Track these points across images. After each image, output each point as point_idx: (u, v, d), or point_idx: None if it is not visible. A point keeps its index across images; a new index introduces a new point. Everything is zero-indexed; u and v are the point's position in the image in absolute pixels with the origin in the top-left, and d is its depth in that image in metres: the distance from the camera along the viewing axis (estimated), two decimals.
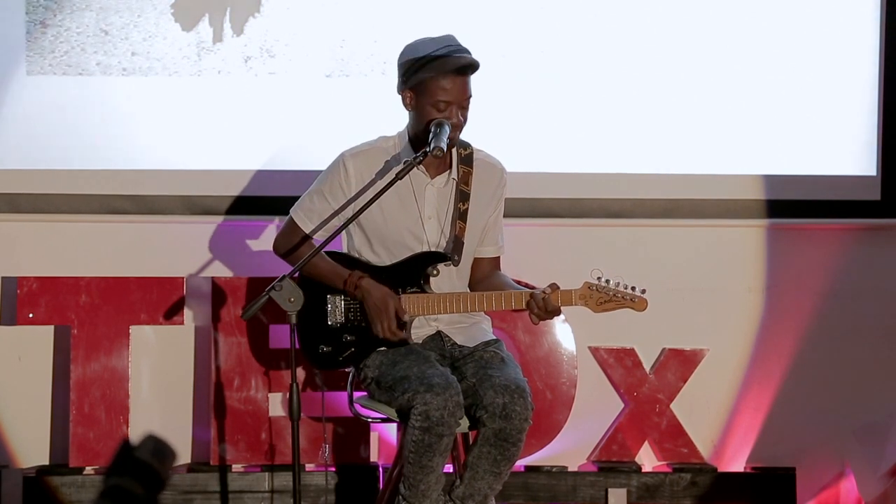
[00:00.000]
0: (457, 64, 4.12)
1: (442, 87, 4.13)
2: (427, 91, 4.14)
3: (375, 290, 4.21)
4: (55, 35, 5.02)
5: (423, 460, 4.04)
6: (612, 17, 5.13)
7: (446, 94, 4.13)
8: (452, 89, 4.13)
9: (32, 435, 5.10)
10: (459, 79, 4.14)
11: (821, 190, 5.21)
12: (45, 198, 5.04)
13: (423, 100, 4.15)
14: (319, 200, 4.30)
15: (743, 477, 5.18)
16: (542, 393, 5.05)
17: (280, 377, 5.01)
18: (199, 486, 4.97)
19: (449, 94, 4.13)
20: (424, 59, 4.14)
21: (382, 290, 4.21)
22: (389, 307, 4.18)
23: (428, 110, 4.14)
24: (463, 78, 4.15)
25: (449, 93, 4.13)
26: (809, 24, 5.18)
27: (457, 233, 4.25)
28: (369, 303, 4.21)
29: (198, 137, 5.07)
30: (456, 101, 4.14)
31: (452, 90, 4.13)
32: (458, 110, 4.15)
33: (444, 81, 4.12)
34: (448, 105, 4.13)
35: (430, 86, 4.13)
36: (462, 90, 4.15)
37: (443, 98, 4.13)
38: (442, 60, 4.13)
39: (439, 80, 4.12)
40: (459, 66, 4.13)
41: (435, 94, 4.13)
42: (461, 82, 4.15)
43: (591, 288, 4.11)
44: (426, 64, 4.13)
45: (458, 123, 4.16)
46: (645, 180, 5.16)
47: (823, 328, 5.29)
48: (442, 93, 4.13)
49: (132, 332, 5.02)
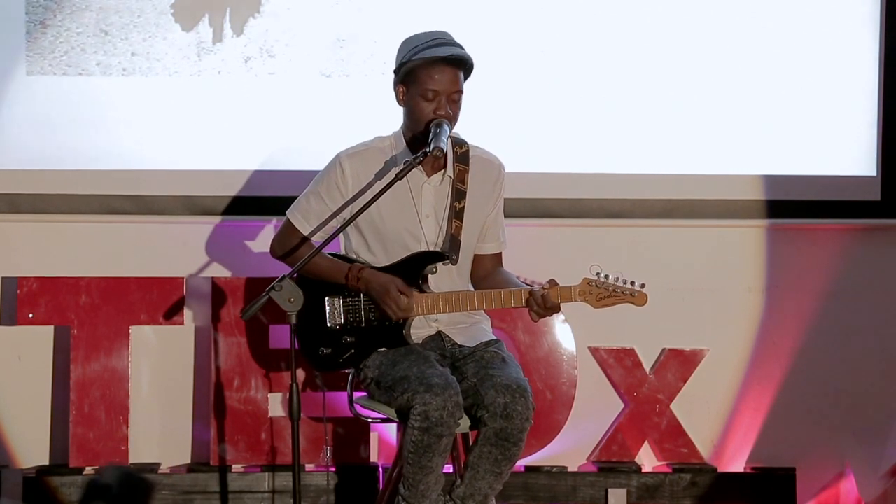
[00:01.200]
0: (445, 53, 4.13)
1: (430, 76, 4.13)
2: (416, 80, 4.15)
3: (376, 277, 4.21)
4: (55, 35, 5.02)
5: (422, 460, 4.04)
6: (612, 17, 5.13)
7: (434, 83, 4.13)
8: (441, 79, 4.13)
9: (32, 435, 5.11)
10: (449, 69, 4.14)
11: (821, 190, 5.21)
12: (45, 198, 5.04)
13: (412, 90, 4.16)
14: (316, 201, 4.30)
15: (743, 477, 5.18)
16: (542, 393, 5.05)
17: (280, 377, 5.01)
18: (199, 486, 4.97)
19: (437, 83, 4.13)
20: (415, 48, 4.16)
21: (383, 276, 4.21)
22: (391, 289, 4.17)
23: (417, 101, 4.14)
24: (453, 69, 4.15)
25: (437, 82, 4.13)
26: (809, 25, 5.18)
27: (453, 231, 4.25)
28: (373, 290, 4.20)
29: (198, 137, 5.07)
30: (444, 91, 4.14)
31: (441, 80, 4.13)
32: (447, 102, 4.15)
33: (433, 70, 4.13)
34: (437, 95, 4.13)
35: (419, 75, 4.14)
36: (451, 81, 4.14)
37: (431, 87, 4.13)
38: (432, 49, 4.14)
39: (428, 68, 4.13)
40: (448, 56, 4.13)
41: (423, 83, 4.13)
42: (451, 73, 4.15)
43: (591, 284, 4.10)
44: (417, 54, 4.15)
45: (447, 115, 4.15)
46: (645, 180, 5.16)
47: (823, 328, 5.29)
48: (430, 81, 4.13)
49: (132, 333, 5.03)
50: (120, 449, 4.97)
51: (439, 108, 4.14)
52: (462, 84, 4.18)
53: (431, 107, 4.14)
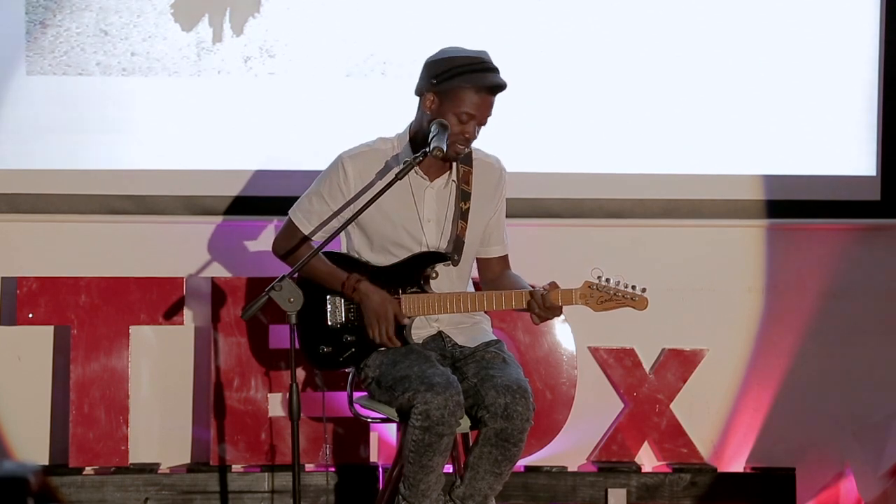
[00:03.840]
0: (493, 82, 4.13)
1: (472, 101, 4.12)
2: (455, 99, 4.13)
3: (374, 294, 4.21)
4: (55, 35, 5.02)
5: (423, 460, 4.04)
6: (612, 17, 5.13)
7: (474, 108, 4.13)
8: (481, 105, 4.14)
9: (32, 435, 5.10)
10: (490, 98, 4.15)
11: (821, 190, 5.21)
12: (45, 198, 5.04)
13: (447, 106, 4.14)
14: (318, 202, 4.30)
15: (743, 477, 5.18)
16: (542, 393, 5.05)
17: (280, 377, 5.01)
18: (199, 486, 4.97)
19: (476, 108, 4.13)
20: (462, 68, 4.13)
21: (381, 294, 4.21)
22: (388, 312, 4.18)
23: (449, 118, 4.13)
24: (492, 98, 4.16)
25: (477, 107, 4.13)
26: (809, 25, 5.18)
27: (458, 232, 4.25)
28: (367, 307, 4.21)
29: (198, 137, 5.07)
30: (480, 117, 4.15)
31: (481, 106, 4.14)
32: (476, 126, 4.16)
33: (476, 96, 4.13)
34: (471, 119, 4.13)
35: (460, 95, 4.13)
36: (488, 108, 4.16)
37: (469, 111, 4.13)
38: (480, 75, 4.13)
39: (472, 92, 4.12)
40: (495, 85, 4.14)
41: (462, 105, 4.12)
42: (490, 101, 4.16)
43: (592, 287, 4.11)
44: (463, 73, 4.12)
45: (471, 138, 4.16)
46: (645, 180, 5.16)
47: (823, 328, 5.29)
48: (471, 106, 4.12)
49: (132, 333, 5.02)
50: (120, 449, 4.97)
51: (467, 129, 4.14)
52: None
53: (461, 128, 4.14)
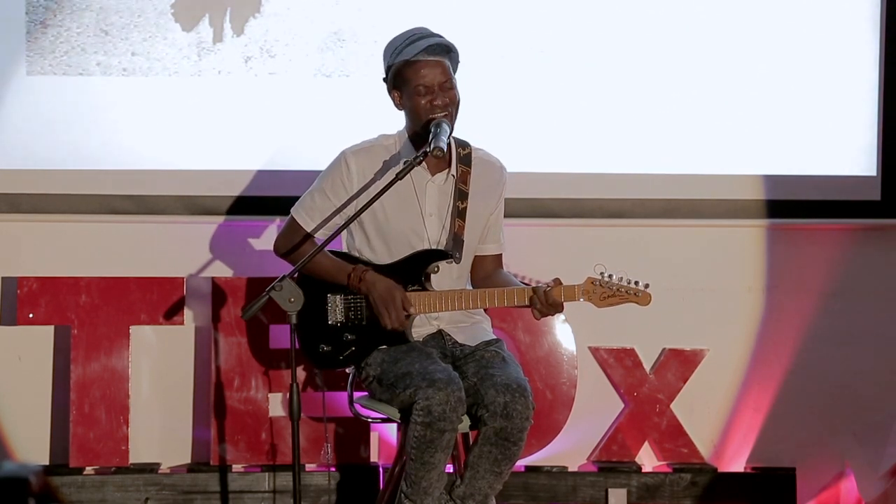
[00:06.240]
0: (424, 45, 4.15)
1: (416, 73, 4.15)
2: (405, 81, 4.17)
3: (381, 282, 4.21)
4: (55, 35, 5.02)
5: (425, 456, 4.03)
6: (612, 17, 5.14)
7: (421, 78, 4.15)
8: (427, 72, 4.15)
9: (32, 435, 5.10)
10: (432, 60, 4.16)
11: (821, 190, 5.21)
12: (45, 198, 5.04)
13: (405, 92, 4.19)
14: (321, 198, 4.30)
15: (743, 477, 5.18)
16: (542, 393, 5.05)
17: (280, 377, 5.01)
18: (199, 486, 4.97)
19: (424, 77, 4.15)
20: (396, 51, 4.19)
21: (388, 281, 4.21)
22: (396, 298, 4.18)
23: (413, 100, 4.16)
24: (437, 59, 4.16)
25: (424, 76, 4.15)
26: (810, 25, 5.18)
27: (456, 230, 4.26)
28: (375, 295, 4.21)
29: (198, 137, 5.07)
30: (434, 82, 4.16)
31: (427, 73, 4.15)
32: (440, 92, 4.16)
33: (417, 66, 4.15)
34: (428, 89, 4.15)
35: (406, 74, 4.17)
36: (436, 71, 4.16)
37: (420, 82, 4.15)
38: (410, 47, 4.17)
39: (412, 66, 4.16)
40: (426, 47, 4.15)
41: (412, 81, 4.16)
42: (435, 64, 4.16)
43: (595, 283, 4.11)
44: (398, 56, 4.18)
45: (444, 104, 4.16)
46: (645, 180, 5.16)
47: (824, 328, 5.29)
48: (417, 77, 4.15)
49: (132, 333, 5.02)
50: (120, 449, 4.97)
51: (434, 99, 4.15)
52: (451, 71, 4.20)
53: (426, 101, 4.16)
